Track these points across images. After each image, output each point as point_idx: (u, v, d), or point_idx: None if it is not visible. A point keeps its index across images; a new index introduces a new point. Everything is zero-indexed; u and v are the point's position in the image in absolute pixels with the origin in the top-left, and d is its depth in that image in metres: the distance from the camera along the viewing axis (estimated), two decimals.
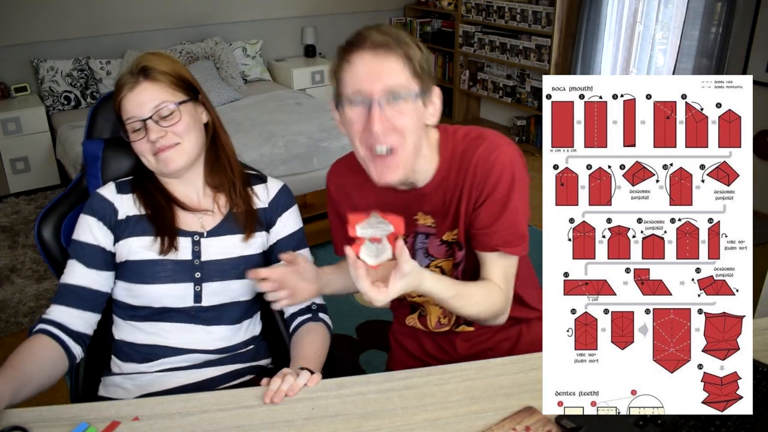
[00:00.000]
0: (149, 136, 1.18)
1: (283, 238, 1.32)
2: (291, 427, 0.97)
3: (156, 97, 1.18)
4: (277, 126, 3.52)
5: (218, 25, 4.51)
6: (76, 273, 1.20)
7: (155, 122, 1.18)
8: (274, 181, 1.37)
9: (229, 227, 1.27)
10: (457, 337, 1.30)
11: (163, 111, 1.18)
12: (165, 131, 1.18)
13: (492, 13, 4.54)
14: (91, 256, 1.21)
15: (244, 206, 1.28)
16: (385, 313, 2.71)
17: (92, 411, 1.00)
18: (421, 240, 1.23)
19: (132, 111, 1.19)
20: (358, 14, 5.16)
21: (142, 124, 1.18)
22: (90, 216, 1.22)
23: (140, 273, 1.20)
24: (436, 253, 1.23)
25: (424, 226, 1.21)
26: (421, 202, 1.19)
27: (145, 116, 1.18)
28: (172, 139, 1.19)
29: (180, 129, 1.19)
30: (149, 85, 1.19)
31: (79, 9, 3.99)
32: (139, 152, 1.21)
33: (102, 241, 1.21)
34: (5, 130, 3.64)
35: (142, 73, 1.19)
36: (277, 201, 1.33)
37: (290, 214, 1.34)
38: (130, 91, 1.19)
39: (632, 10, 3.82)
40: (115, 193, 1.24)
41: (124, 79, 1.20)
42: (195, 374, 1.24)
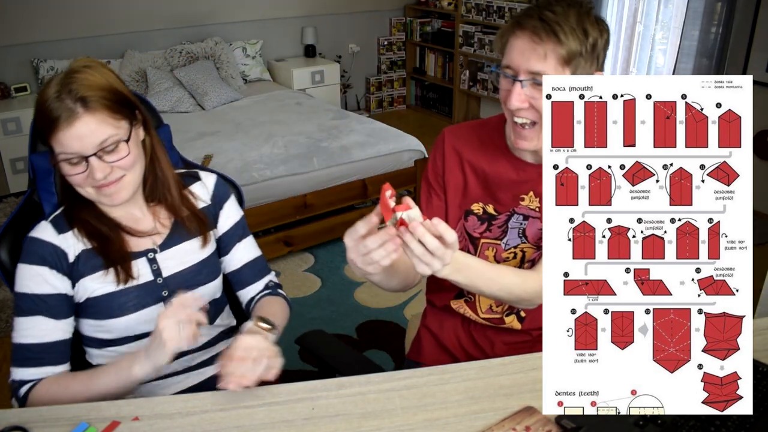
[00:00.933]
0: (94, 174, 1.05)
1: (227, 231, 1.29)
2: (291, 427, 0.97)
3: (100, 132, 1.04)
4: (277, 126, 3.52)
5: (218, 25, 4.51)
6: (43, 330, 1.09)
7: (99, 158, 1.05)
8: (207, 175, 1.30)
9: (180, 236, 1.22)
10: (499, 335, 1.31)
11: (108, 146, 1.05)
12: (110, 167, 1.06)
13: (492, 13, 4.54)
14: (59, 306, 1.11)
15: (188, 210, 1.22)
16: (386, 313, 2.71)
17: (92, 411, 1.00)
18: (517, 220, 1.26)
19: (71, 146, 1.03)
20: (358, 14, 5.16)
21: (82, 160, 1.04)
22: (39, 266, 1.10)
23: (106, 309, 1.14)
24: (532, 237, 1.26)
25: (526, 207, 1.25)
26: (541, 181, 1.19)
27: (87, 153, 1.03)
28: (117, 174, 1.08)
29: (127, 163, 1.08)
30: (90, 118, 1.02)
31: (79, 9, 3.99)
32: (76, 185, 1.08)
33: (62, 289, 1.11)
34: (5, 130, 3.64)
35: (81, 103, 1.02)
36: (217, 195, 1.28)
37: (229, 205, 1.30)
38: (68, 126, 1.01)
39: (632, 10, 3.82)
40: (56, 235, 1.12)
41: (56, 108, 1.01)
42: (193, 377, 1.24)
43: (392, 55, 5.45)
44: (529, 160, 1.25)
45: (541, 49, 1.08)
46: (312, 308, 2.72)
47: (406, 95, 5.63)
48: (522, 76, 1.10)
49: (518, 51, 1.10)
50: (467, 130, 1.32)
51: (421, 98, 5.59)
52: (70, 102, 1.01)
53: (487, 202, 1.28)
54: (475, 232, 1.29)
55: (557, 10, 1.08)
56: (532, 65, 1.08)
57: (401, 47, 5.46)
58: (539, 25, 1.07)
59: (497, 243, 1.27)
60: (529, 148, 1.18)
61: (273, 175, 3.00)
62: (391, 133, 3.44)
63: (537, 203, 1.24)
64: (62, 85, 1.03)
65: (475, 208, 1.28)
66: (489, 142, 1.28)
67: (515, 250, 1.27)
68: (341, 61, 5.10)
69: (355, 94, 5.41)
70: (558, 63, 1.08)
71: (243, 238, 1.31)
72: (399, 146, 3.34)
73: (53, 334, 1.11)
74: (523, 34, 1.09)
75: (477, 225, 1.28)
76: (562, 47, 1.07)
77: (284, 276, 2.96)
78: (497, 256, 1.28)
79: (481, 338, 1.34)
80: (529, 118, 1.13)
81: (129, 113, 1.09)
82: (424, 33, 5.30)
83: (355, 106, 5.41)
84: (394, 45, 5.42)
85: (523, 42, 1.09)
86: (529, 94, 1.11)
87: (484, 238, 1.28)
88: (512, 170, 1.25)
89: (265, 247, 1.44)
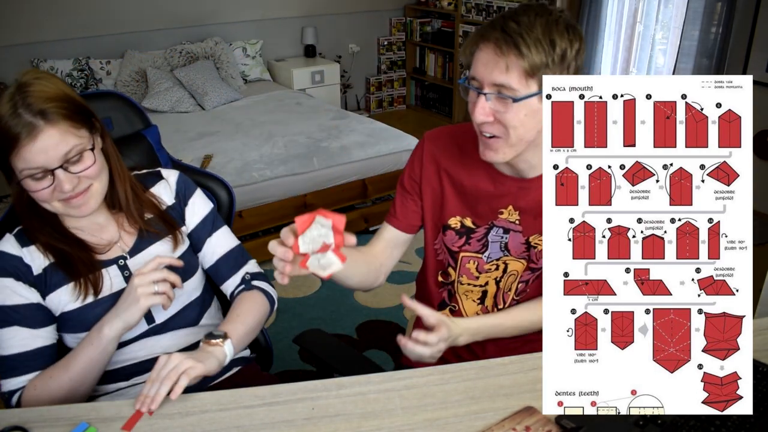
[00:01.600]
0: (62, 187, 1.03)
1: (196, 227, 1.26)
2: (291, 427, 0.97)
3: (63, 143, 1.02)
4: (277, 126, 3.52)
5: (218, 25, 4.51)
6: (22, 339, 1.08)
7: (65, 170, 1.03)
8: (168, 172, 1.27)
9: (148, 238, 1.20)
10: (489, 340, 1.30)
11: (72, 157, 1.03)
12: (77, 178, 1.05)
13: (492, 13, 4.53)
14: (33, 317, 1.10)
15: (152, 212, 1.21)
16: (386, 313, 2.71)
17: (92, 411, 1.00)
18: (497, 233, 1.24)
19: (35, 161, 1.00)
20: (358, 14, 5.16)
21: (47, 174, 1.02)
22: (5, 278, 1.08)
23: (82, 322, 1.12)
24: (515, 250, 1.24)
25: (506, 221, 1.23)
26: (520, 195, 1.21)
27: (53, 166, 1.02)
28: (85, 184, 1.07)
29: (93, 172, 1.07)
30: (52, 130, 1.00)
31: (79, 9, 3.99)
32: (42, 200, 1.06)
33: (33, 299, 1.10)
34: None
35: (40, 116, 0.99)
36: (180, 192, 1.26)
37: (196, 200, 1.27)
38: (30, 141, 0.99)
39: (632, 10, 3.82)
40: (20, 248, 1.11)
41: (14, 125, 0.98)
42: None
43: (392, 55, 5.45)
44: (506, 172, 1.21)
45: (503, 62, 1.04)
46: (312, 308, 2.72)
47: (406, 95, 5.63)
48: (486, 89, 1.07)
49: (482, 63, 1.07)
50: (447, 138, 1.28)
51: (421, 98, 5.59)
52: (29, 116, 0.99)
53: (465, 215, 1.26)
54: (454, 246, 1.27)
55: (522, 21, 1.04)
56: (495, 78, 1.05)
57: (401, 47, 5.46)
58: (501, 37, 1.04)
59: (478, 256, 1.26)
60: (495, 159, 1.13)
61: (273, 175, 3.00)
62: (391, 133, 3.45)
63: (517, 216, 1.22)
64: (15, 100, 0.99)
65: (453, 222, 1.26)
66: (468, 151, 1.23)
67: (498, 263, 1.26)
68: (341, 61, 5.10)
69: (355, 94, 5.41)
70: (521, 75, 1.04)
71: (214, 232, 1.27)
72: (399, 146, 3.34)
73: (33, 342, 1.09)
74: (486, 46, 1.06)
75: (455, 239, 1.27)
76: (524, 60, 1.03)
77: None
78: (479, 268, 1.27)
79: (473, 343, 1.32)
80: (493, 132, 1.10)
81: (87, 121, 1.08)
82: (424, 33, 5.30)
83: (355, 106, 5.41)
84: (394, 45, 5.42)
85: (486, 54, 1.06)
86: (493, 108, 1.07)
87: (463, 251, 1.27)
88: (490, 182, 1.23)
89: (264, 247, 1.43)
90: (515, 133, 1.08)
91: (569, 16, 1.09)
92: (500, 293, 1.28)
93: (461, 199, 1.26)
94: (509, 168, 1.20)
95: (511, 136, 1.09)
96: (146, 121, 1.44)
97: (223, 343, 1.11)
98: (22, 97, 1.00)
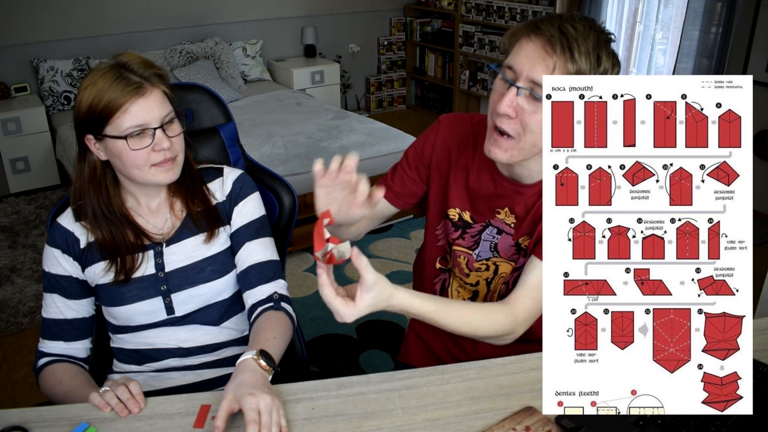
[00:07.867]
0: (162, 144, 1.12)
1: (239, 228, 1.26)
2: (291, 427, 0.97)
3: (164, 104, 1.13)
4: (277, 126, 3.52)
5: (218, 25, 4.51)
6: (58, 307, 1.21)
7: (163, 131, 1.12)
8: (231, 171, 1.30)
9: (188, 230, 1.23)
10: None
11: (168, 120, 1.14)
12: (171, 142, 1.14)
13: (492, 13, 4.54)
14: (68, 287, 1.21)
15: (202, 205, 1.24)
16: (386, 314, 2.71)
17: (92, 411, 1.00)
18: (491, 232, 1.23)
19: (141, 117, 1.10)
20: (358, 14, 5.16)
21: (146, 132, 1.11)
22: (54, 248, 1.20)
23: (109, 296, 1.20)
24: (504, 252, 1.23)
25: (502, 221, 1.22)
26: (516, 200, 1.20)
27: (154, 124, 1.11)
28: (174, 152, 1.15)
29: (180, 141, 1.17)
30: (156, 90, 1.12)
31: (79, 9, 3.99)
32: (137, 163, 1.12)
33: (72, 272, 1.21)
34: (5, 130, 3.64)
35: (146, 79, 1.11)
36: (234, 192, 1.27)
37: (247, 203, 1.27)
38: (139, 97, 1.09)
39: (632, 10, 3.82)
40: (73, 222, 1.21)
41: (121, 87, 1.09)
42: (189, 376, 1.24)
43: (392, 55, 5.45)
44: (504, 173, 1.20)
45: (551, 60, 1.01)
46: (312, 308, 2.72)
47: (406, 95, 5.63)
48: (521, 82, 1.03)
49: (526, 55, 1.03)
50: (463, 127, 1.26)
51: (421, 98, 5.59)
52: (136, 78, 1.10)
53: (464, 209, 1.25)
54: (450, 237, 1.27)
55: (579, 28, 1.02)
56: (536, 74, 1.02)
57: (401, 47, 5.46)
58: (557, 35, 1.01)
59: (469, 252, 1.26)
60: (500, 158, 1.10)
61: None
62: (391, 133, 3.44)
63: (512, 219, 1.21)
64: (118, 72, 1.10)
65: (451, 213, 1.26)
66: (481, 144, 1.18)
67: (487, 263, 1.25)
68: (341, 61, 5.11)
69: (355, 94, 5.42)
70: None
71: (255, 238, 1.25)
72: (399, 146, 3.34)
73: (67, 312, 1.21)
74: (537, 39, 1.02)
75: (451, 231, 1.27)
76: (573, 65, 1.00)
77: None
78: (469, 265, 1.27)
79: (464, 340, 1.31)
80: (508, 130, 1.06)
81: (173, 98, 1.18)
82: (424, 33, 5.31)
83: (355, 106, 5.42)
84: (394, 45, 5.42)
85: (534, 47, 1.02)
86: (521, 104, 1.04)
87: (456, 244, 1.27)
88: (491, 182, 1.21)
89: None
90: (531, 138, 1.06)
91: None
92: (490, 295, 1.28)
93: (464, 192, 1.25)
94: (506, 168, 1.19)
95: (526, 140, 1.06)
96: (227, 115, 1.44)
97: (269, 373, 1.04)
98: (126, 67, 1.11)
